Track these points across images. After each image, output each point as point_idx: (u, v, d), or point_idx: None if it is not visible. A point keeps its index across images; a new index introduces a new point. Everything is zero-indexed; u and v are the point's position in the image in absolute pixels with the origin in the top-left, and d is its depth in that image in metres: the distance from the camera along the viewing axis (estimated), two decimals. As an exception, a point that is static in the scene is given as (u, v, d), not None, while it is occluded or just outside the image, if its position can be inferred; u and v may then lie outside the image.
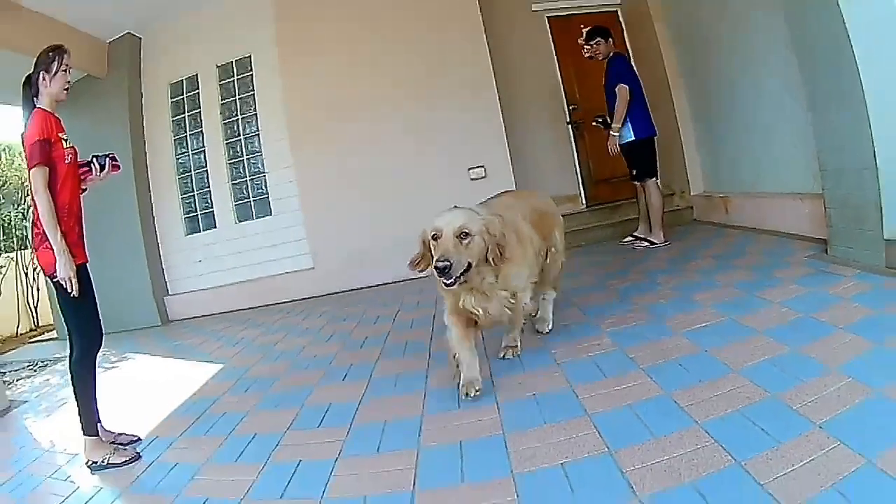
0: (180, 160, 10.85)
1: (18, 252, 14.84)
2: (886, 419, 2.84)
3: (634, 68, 8.74)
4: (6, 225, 14.89)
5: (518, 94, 10.42)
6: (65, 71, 4.67)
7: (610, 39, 8.44)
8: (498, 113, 9.67)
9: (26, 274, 15.10)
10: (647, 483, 2.64)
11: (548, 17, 10.85)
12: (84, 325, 4.68)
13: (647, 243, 8.31)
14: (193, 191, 10.79)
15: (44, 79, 4.57)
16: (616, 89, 8.01)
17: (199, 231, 10.78)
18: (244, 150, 10.52)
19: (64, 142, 4.53)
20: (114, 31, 10.52)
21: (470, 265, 3.97)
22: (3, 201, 14.84)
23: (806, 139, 6.26)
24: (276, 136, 10.22)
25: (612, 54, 8.40)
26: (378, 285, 9.63)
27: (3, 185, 14.64)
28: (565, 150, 10.55)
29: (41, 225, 4.44)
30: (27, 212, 15.46)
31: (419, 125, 9.73)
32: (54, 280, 4.47)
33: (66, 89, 4.71)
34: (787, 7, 5.88)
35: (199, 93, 10.72)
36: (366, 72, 9.77)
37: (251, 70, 10.47)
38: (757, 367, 3.66)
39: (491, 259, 4.06)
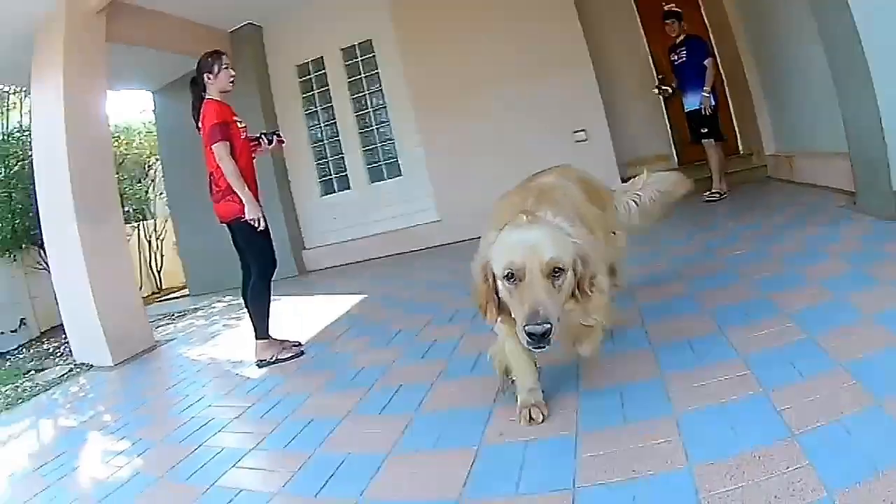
0: (312, 131, 12.53)
1: (141, 223, 16.55)
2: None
3: (709, 45, 9.90)
4: (132, 200, 16.44)
5: (612, 66, 11.39)
6: (226, 68, 6.08)
7: (681, 20, 9.68)
8: (594, 83, 10.56)
9: (149, 242, 16.83)
10: (801, 419, 2.63)
11: None
12: (264, 254, 6.09)
13: (717, 195, 9.47)
14: (327, 157, 12.45)
15: (209, 78, 6.04)
16: (706, 63, 9.29)
17: (334, 192, 12.44)
18: (373, 121, 12.06)
19: (237, 122, 6.04)
20: (233, 22, 12.12)
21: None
22: (125, 177, 16.20)
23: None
24: (402, 107, 11.58)
25: (684, 35, 9.63)
26: None
27: (122, 163, 16.00)
28: (657, 115, 11.39)
29: (222, 184, 5.83)
30: (151, 186, 17.35)
31: (526, 94, 10.72)
32: (240, 223, 5.87)
33: (232, 82, 6.15)
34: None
35: (325, 73, 12.28)
36: (477, 48, 10.93)
37: (373, 52, 11.86)
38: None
39: (578, 294, 2.94)
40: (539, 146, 10.27)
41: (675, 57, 9.76)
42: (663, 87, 10.16)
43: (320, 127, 12.49)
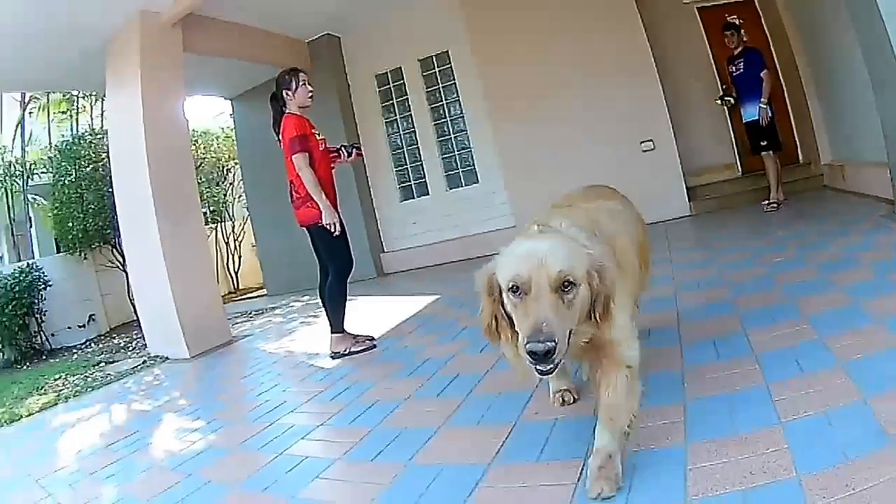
0: (392, 139, 12.86)
1: (219, 225, 17.20)
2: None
3: (765, 57, 9.93)
4: (210, 202, 17.15)
5: (678, 76, 11.57)
6: (304, 84, 6.45)
7: (740, 32, 9.80)
8: (660, 94, 10.83)
9: (227, 243, 17.54)
10: (791, 410, 2.78)
11: (697, 8, 11.90)
12: (341, 256, 6.49)
13: (775, 204, 9.57)
14: (406, 164, 12.76)
15: (288, 94, 6.45)
16: (762, 75, 9.39)
17: (413, 198, 12.74)
18: (451, 129, 12.36)
19: (315, 134, 6.45)
20: (312, 32, 12.51)
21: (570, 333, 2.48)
22: (203, 180, 16.87)
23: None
24: (479, 116, 11.88)
25: (742, 46, 9.76)
26: None
27: (200, 166, 16.54)
28: (721, 124, 11.45)
29: (302, 191, 6.27)
30: (229, 189, 18.11)
31: (596, 104, 11.05)
32: (318, 227, 6.29)
33: (311, 97, 6.56)
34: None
35: (404, 83, 12.60)
36: (548, 59, 11.24)
37: (450, 63, 12.18)
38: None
39: (596, 316, 2.59)
40: (608, 155, 10.83)
41: (734, 68, 9.95)
42: (725, 98, 10.24)
43: (400, 135, 12.81)
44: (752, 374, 3.38)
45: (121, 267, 11.83)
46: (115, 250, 13.42)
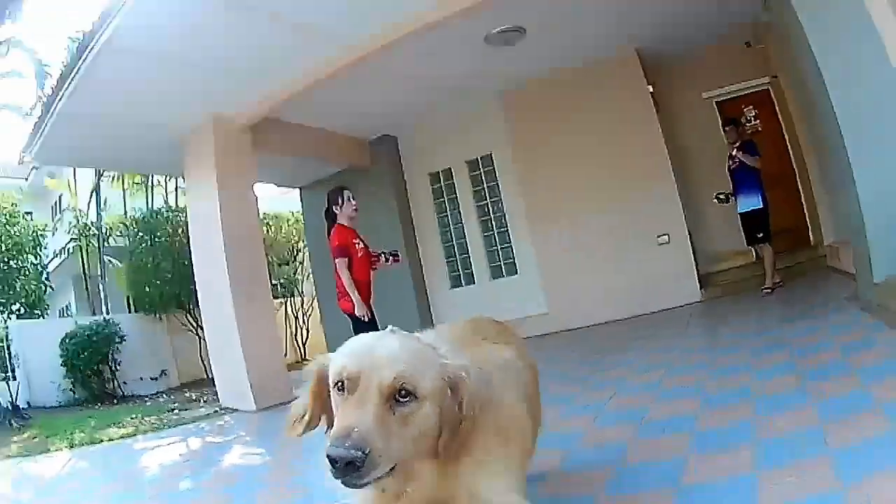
0: (443, 232, 14.17)
1: (289, 299, 18.84)
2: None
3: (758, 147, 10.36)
4: (280, 279, 18.84)
5: (697, 167, 12.63)
6: (349, 200, 8.18)
7: (739, 128, 10.54)
8: (675, 194, 11.67)
9: (295, 317, 19.20)
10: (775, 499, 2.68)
11: (716, 102, 12.94)
12: None
13: (770, 288, 10.07)
14: (456, 256, 14.03)
15: (336, 209, 8.21)
16: (753, 163, 10.03)
17: (461, 286, 13.99)
18: (494, 226, 13.58)
19: (356, 244, 8.02)
20: (372, 132, 14.00)
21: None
22: (273, 258, 18.65)
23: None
24: (518, 214, 13.05)
25: (740, 140, 10.30)
26: (600, 324, 11.74)
27: (272, 245, 18.50)
28: (733, 213, 11.07)
29: (341, 287, 7.88)
30: (299, 268, 20.02)
31: (618, 202, 11.96)
32: (352, 315, 7.84)
33: (356, 210, 8.23)
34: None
35: (453, 182, 13.96)
36: (577, 162, 12.32)
37: (493, 165, 13.43)
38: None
39: (441, 447, 2.08)
40: (628, 248, 11.92)
41: (731, 162, 10.46)
42: (720, 196, 10.80)
43: (450, 228, 14.07)
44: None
45: (194, 331, 13.16)
46: (188, 315, 14.94)
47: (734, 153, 10.33)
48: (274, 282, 18.54)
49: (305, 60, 9.35)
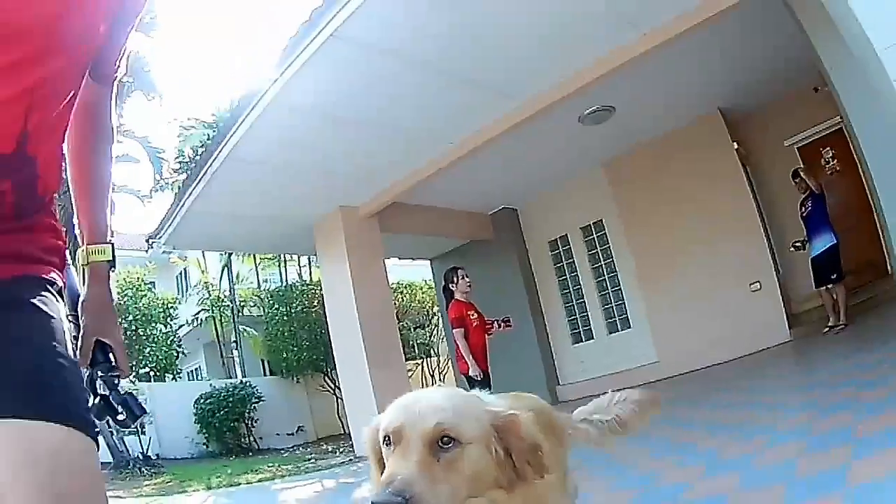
0: (563, 293, 15.11)
1: (425, 360, 20.23)
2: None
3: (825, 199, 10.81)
4: (416, 342, 20.22)
5: (782, 213, 12.95)
6: (463, 278, 9.06)
7: (806, 179, 10.81)
8: (764, 244, 12.17)
9: (431, 375, 20.50)
10: None
11: (797, 148, 13.40)
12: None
13: (841, 326, 10.27)
14: (576, 314, 14.92)
15: (453, 286, 9.08)
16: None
17: (582, 342, 14.85)
18: (608, 284, 14.41)
19: (470, 315, 8.91)
20: (493, 206, 15.21)
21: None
22: (408, 324, 20.02)
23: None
24: (628, 272, 13.91)
25: (809, 191, 10.77)
26: (706, 367, 12.26)
27: (406, 311, 19.93)
28: None
29: (459, 353, 8.83)
30: (433, 331, 21.39)
31: (715, 255, 12.52)
32: (468, 376, 8.67)
33: (469, 286, 9.11)
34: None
35: (570, 247, 14.94)
36: (677, 221, 13.04)
37: (604, 230, 14.33)
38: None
39: (507, 480, 1.97)
40: (725, 297, 12.40)
41: (803, 209, 10.95)
42: (796, 244, 11.28)
43: (570, 290, 15.01)
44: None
45: (331, 391, 14.24)
46: (326, 377, 16.21)
47: (807, 202, 10.85)
48: (411, 344, 20.06)
49: (419, 160, 10.61)
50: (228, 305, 24.21)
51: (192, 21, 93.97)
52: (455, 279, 9.13)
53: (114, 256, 2.08)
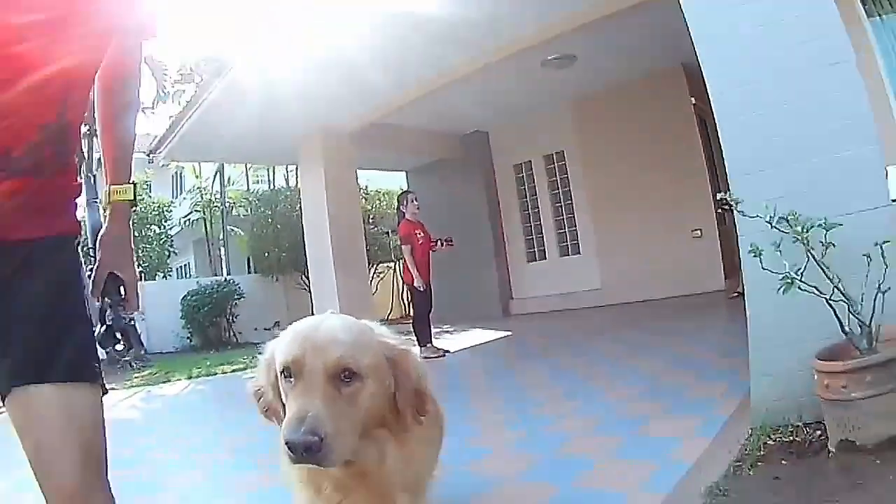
0: (524, 212, 16.29)
1: (397, 263, 20.70)
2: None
3: None
4: (391, 246, 21.01)
5: None
6: (412, 202, 10.37)
7: None
8: (708, 193, 12.36)
9: (401, 278, 21.37)
10: None
11: None
12: (423, 304, 10.25)
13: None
14: (532, 235, 16.07)
15: (404, 207, 10.43)
16: None
17: (535, 261, 16.05)
18: (564, 211, 15.48)
19: (417, 234, 10.19)
20: (465, 128, 16.11)
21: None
22: (379, 228, 21.17)
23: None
24: (583, 204, 14.93)
25: None
26: (643, 301, 13.40)
27: (382, 218, 21.18)
28: None
29: (406, 265, 10.21)
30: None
31: (662, 197, 13.32)
32: (412, 286, 10.09)
33: (417, 209, 10.42)
34: None
35: (532, 173, 16.00)
36: (630, 160, 13.72)
37: (564, 160, 15.44)
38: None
39: (391, 420, 2.07)
40: (667, 239, 13.42)
41: None
42: (723, 204, 11.83)
43: (528, 212, 16.14)
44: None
45: (307, 290, 15.24)
46: (302, 276, 17.61)
47: None
48: (386, 248, 21.31)
49: (396, 91, 11.28)
50: (219, 206, 25.38)
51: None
52: (405, 202, 10.44)
53: (135, 195, 2.18)
